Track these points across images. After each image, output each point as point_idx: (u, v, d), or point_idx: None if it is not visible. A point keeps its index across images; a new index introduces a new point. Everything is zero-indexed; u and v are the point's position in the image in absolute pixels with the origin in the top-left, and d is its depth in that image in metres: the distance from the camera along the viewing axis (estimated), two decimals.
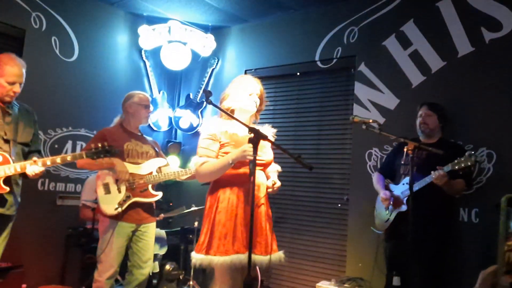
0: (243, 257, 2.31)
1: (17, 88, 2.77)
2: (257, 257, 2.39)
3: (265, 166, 2.60)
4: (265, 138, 2.05)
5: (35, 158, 2.73)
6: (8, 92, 2.75)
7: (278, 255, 2.50)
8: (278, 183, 2.52)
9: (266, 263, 2.41)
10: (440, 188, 2.86)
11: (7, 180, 2.70)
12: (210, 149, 2.50)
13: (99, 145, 2.84)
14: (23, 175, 2.75)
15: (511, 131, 3.32)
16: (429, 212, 2.85)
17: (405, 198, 3.08)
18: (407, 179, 3.08)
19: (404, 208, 3.07)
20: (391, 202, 3.15)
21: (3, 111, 2.78)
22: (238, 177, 2.44)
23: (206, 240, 2.42)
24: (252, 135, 2.01)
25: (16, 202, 2.82)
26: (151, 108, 3.47)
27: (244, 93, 2.58)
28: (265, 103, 2.70)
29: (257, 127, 2.58)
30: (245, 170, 2.40)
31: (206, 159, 2.48)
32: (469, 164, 2.62)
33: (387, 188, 3.30)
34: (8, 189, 2.69)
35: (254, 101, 2.58)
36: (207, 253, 2.38)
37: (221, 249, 2.35)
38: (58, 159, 2.77)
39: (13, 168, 2.68)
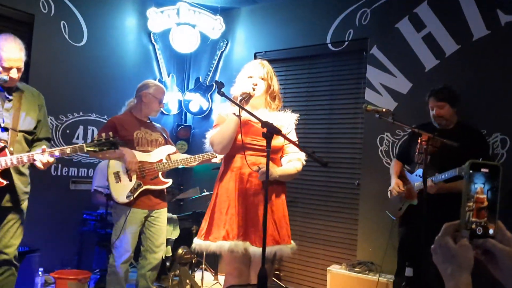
0: (240, 244, 2.31)
1: (14, 74, 2.54)
2: (250, 248, 2.32)
3: (272, 152, 2.32)
4: (278, 133, 2.03)
5: (44, 147, 2.54)
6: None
7: (279, 247, 2.35)
8: (261, 168, 2.26)
9: (259, 254, 2.13)
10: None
11: (6, 172, 2.52)
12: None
13: (103, 135, 2.65)
14: (31, 164, 2.58)
15: None
16: (439, 208, 2.70)
17: (417, 191, 3.02)
18: (419, 171, 2.98)
19: (415, 202, 3.03)
20: (403, 195, 3.10)
21: (3, 97, 2.60)
22: (239, 164, 2.41)
23: (205, 226, 2.45)
24: (265, 129, 1.98)
25: (15, 194, 2.62)
26: (163, 103, 3.45)
27: (244, 77, 2.53)
28: (276, 84, 2.58)
29: (279, 113, 2.56)
30: (244, 157, 2.36)
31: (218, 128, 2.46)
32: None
33: (402, 175, 3.24)
34: (4, 182, 2.52)
35: (253, 83, 2.45)
36: (206, 238, 2.42)
37: (216, 235, 2.37)
38: (56, 152, 2.54)
39: (15, 159, 2.48)
